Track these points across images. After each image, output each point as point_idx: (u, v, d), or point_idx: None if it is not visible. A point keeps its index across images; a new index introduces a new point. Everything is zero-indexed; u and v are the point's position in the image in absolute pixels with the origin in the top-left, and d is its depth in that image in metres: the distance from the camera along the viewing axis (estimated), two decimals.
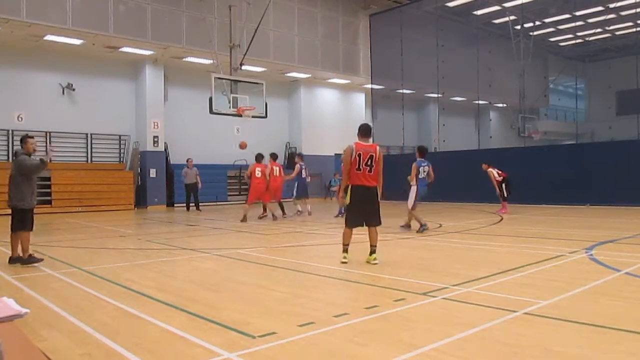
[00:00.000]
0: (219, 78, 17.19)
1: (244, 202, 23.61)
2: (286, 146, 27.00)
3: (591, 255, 7.20)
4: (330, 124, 27.25)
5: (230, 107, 17.30)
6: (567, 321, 4.13)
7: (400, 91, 28.86)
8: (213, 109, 16.88)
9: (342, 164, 7.23)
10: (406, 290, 5.23)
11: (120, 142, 21.62)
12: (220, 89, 17.13)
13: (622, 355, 3.41)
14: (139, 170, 21.50)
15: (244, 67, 19.21)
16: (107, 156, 21.37)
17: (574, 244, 8.28)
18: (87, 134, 20.75)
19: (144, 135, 21.54)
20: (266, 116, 18.60)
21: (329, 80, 26.65)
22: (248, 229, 12.35)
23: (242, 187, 24.27)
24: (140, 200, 21.28)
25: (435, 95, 30.83)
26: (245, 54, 18.87)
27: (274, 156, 15.84)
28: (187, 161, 19.83)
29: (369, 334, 3.91)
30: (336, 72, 25.71)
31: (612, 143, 19.07)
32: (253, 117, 18.18)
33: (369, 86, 27.18)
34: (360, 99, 29.12)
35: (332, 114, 27.48)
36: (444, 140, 30.38)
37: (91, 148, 20.93)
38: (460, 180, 19.18)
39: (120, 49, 19.73)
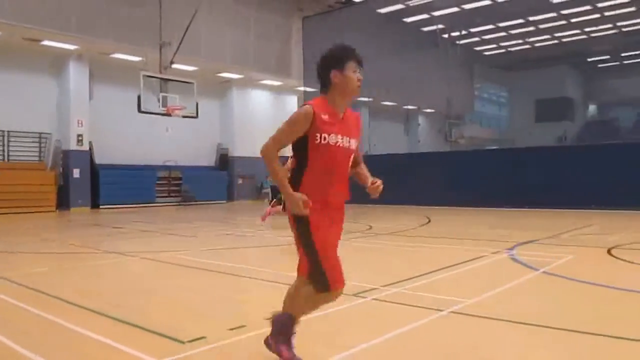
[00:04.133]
0: (148, 76, 16.74)
1: (175, 204, 23.29)
2: (217, 147, 26.62)
3: (512, 255, 7.55)
4: (262, 126, 27.00)
5: (160, 107, 16.88)
6: (491, 319, 4.30)
7: None
8: (142, 107, 16.41)
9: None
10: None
11: (40, 140, 20.51)
12: (149, 87, 16.67)
13: (543, 350, 3.59)
14: (61, 170, 20.49)
15: (174, 66, 18.79)
16: (25, 155, 20.21)
17: (497, 245, 8.64)
18: (3, 131, 19.56)
19: (66, 133, 20.56)
20: (197, 116, 18.29)
21: (262, 82, 26.53)
22: (179, 232, 12.06)
23: (172, 188, 23.72)
24: (63, 202, 20.28)
25: (366, 99, 31.40)
26: (176, 52, 18.46)
27: None
28: None
29: (300, 336, 3.90)
30: (269, 73, 25.63)
31: (532, 148, 20.03)
32: (183, 117, 17.83)
33: (302, 88, 27.28)
34: (293, 101, 29.15)
35: (265, 115, 27.33)
36: (374, 144, 31.00)
37: (8, 146, 19.74)
38: (390, 182, 19.58)
39: (41, 42, 18.74)
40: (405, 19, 29.50)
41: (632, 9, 28.95)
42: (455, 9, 27.81)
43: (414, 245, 9.23)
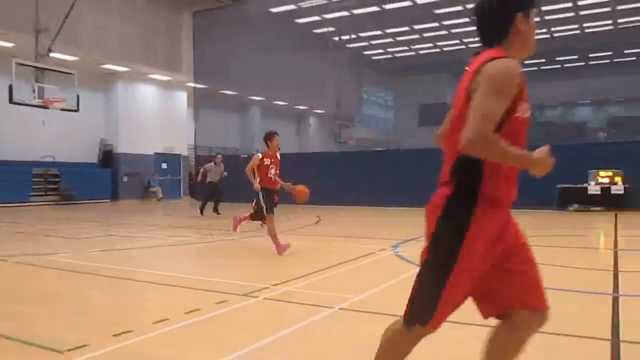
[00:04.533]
0: (22, 64, 15.45)
1: (53, 203, 21.60)
2: (101, 143, 25.18)
3: (397, 252, 7.91)
4: (150, 122, 26.04)
5: (35, 98, 15.66)
6: (378, 314, 4.48)
7: (224, 92, 28.79)
8: (13, 98, 15.11)
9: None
10: (228, 292, 5.22)
11: None
12: (23, 76, 15.39)
13: (427, 341, 3.79)
14: None
15: (52, 54, 17.50)
16: None
17: (383, 243, 9.01)
18: None
19: None
20: (78, 109, 17.19)
21: (150, 76, 25.49)
22: (59, 233, 11.26)
23: (49, 186, 22.08)
24: None
25: (258, 98, 31.34)
26: (55, 39, 17.20)
27: None
28: (216, 156, 16.60)
29: (190, 339, 3.83)
30: (157, 67, 24.71)
31: (416, 150, 21.03)
32: (62, 110, 16.68)
33: (192, 84, 26.62)
34: (182, 98, 28.35)
35: (153, 111, 26.32)
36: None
37: None
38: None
39: None
40: (297, 20, 29.81)
41: None
42: (345, 13, 28.56)
43: (304, 244, 9.36)
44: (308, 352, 3.57)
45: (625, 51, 38.70)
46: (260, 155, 8.06)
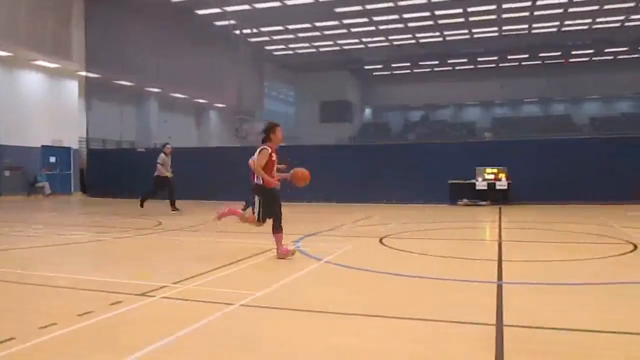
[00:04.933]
0: None
1: None
2: None
3: (298, 247, 7.99)
4: (36, 112, 24.20)
5: None
6: (280, 309, 4.51)
7: (119, 82, 27.48)
8: None
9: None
10: (123, 292, 5.00)
11: None
12: None
13: (330, 334, 3.87)
14: None
15: None
16: None
17: (285, 238, 9.00)
18: None
19: None
20: None
21: (35, 62, 23.69)
22: None
23: None
24: None
25: (156, 90, 30.24)
26: None
27: None
28: (164, 147, 14.80)
29: (81, 343, 3.63)
30: (44, 54, 23.01)
31: (318, 146, 21.25)
32: None
33: (84, 73, 25.11)
34: (72, 87, 26.62)
35: (39, 100, 24.45)
36: (169, 137, 30.04)
37: None
38: (181, 177, 19.11)
39: None
40: (198, 11, 29.10)
41: (401, 25, 32.70)
42: (247, 7, 28.29)
43: (205, 241, 9.20)
44: (209, 350, 3.51)
45: (509, 57, 41.73)
46: (269, 150, 7.05)
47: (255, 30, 33.78)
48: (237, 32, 31.45)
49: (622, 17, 31.77)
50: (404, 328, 4.01)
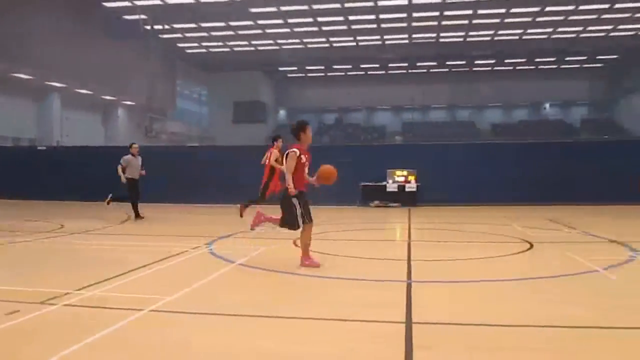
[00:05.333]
0: None
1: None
2: None
3: (211, 250, 7.85)
4: None
5: None
6: (190, 313, 4.42)
7: (17, 75, 25.74)
8: None
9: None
10: (21, 301, 4.69)
11: None
12: None
13: (247, 336, 3.83)
14: None
15: None
16: None
17: (197, 240, 8.84)
18: None
19: None
20: None
21: None
22: None
23: None
24: None
25: (59, 85, 28.59)
26: None
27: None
28: (131, 147, 12.98)
29: None
30: None
31: (232, 147, 20.92)
32: None
33: None
34: None
35: None
36: (67, 135, 28.46)
37: None
38: (82, 177, 18.17)
39: None
40: (105, 4, 27.86)
41: (316, 28, 33.09)
42: (158, 2, 27.47)
43: (112, 244, 8.81)
44: (118, 357, 3.37)
45: (418, 64, 43.45)
46: (297, 152, 6.50)
47: (167, 27, 32.84)
48: (148, 27, 30.42)
49: (520, 31, 34.09)
50: (316, 329, 4.06)
